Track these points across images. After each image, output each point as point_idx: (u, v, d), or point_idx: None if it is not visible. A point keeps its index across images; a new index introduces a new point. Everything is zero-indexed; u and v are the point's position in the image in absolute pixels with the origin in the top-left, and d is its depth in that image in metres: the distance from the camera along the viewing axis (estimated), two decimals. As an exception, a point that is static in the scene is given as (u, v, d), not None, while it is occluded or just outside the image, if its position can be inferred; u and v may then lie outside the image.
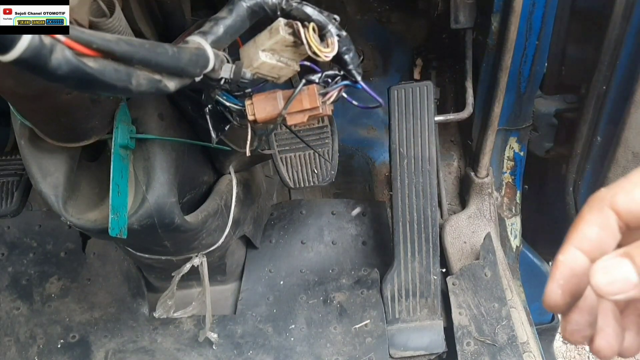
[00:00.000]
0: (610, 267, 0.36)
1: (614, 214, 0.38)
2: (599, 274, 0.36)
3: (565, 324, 0.42)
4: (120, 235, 0.86)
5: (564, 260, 0.39)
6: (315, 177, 1.38)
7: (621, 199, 0.38)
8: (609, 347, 0.42)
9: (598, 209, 0.39)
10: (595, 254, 0.39)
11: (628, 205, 0.38)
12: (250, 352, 1.36)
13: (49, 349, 1.38)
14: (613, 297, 0.36)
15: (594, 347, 0.42)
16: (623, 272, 0.36)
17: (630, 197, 0.38)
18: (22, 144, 0.86)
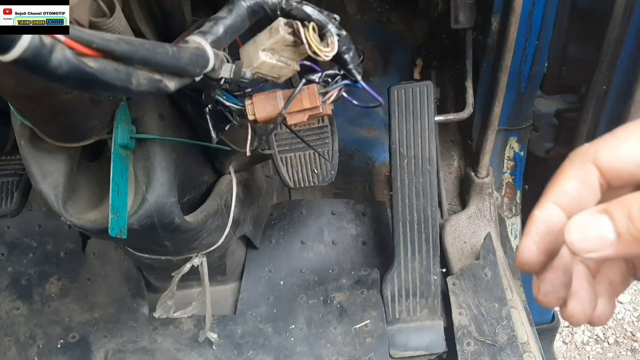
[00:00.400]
0: (586, 223, 0.34)
1: (596, 170, 0.36)
2: (574, 229, 0.34)
3: (538, 284, 0.39)
4: (120, 235, 0.86)
5: (540, 216, 0.37)
6: (315, 177, 1.38)
7: (605, 154, 0.36)
8: (583, 312, 0.40)
9: (580, 164, 0.37)
10: (573, 210, 0.37)
11: (612, 161, 0.36)
12: (250, 352, 1.36)
13: (48, 349, 1.38)
14: (587, 255, 0.34)
15: (567, 311, 0.40)
16: (600, 229, 0.34)
17: (615, 153, 0.36)
18: (22, 144, 0.85)
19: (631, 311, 2.48)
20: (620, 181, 0.36)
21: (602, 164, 0.36)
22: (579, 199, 0.37)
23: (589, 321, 0.41)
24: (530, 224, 0.38)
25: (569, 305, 0.40)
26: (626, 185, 0.37)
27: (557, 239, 0.37)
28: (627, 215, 0.33)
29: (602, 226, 0.34)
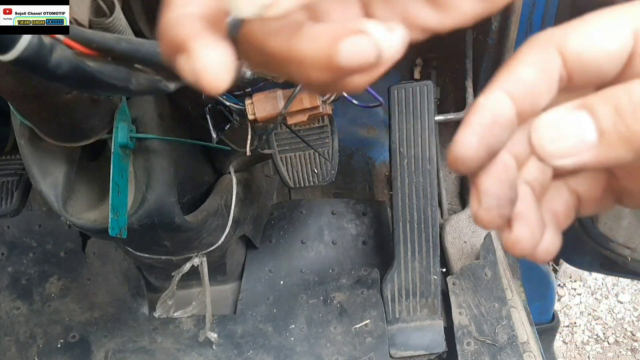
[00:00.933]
0: (561, 119, 0.27)
1: (560, 58, 0.30)
2: (544, 127, 0.27)
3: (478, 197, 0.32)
4: (120, 235, 0.86)
5: (486, 104, 0.30)
6: (315, 177, 1.38)
7: (574, 40, 0.29)
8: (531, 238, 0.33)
9: (542, 47, 0.30)
10: (525, 103, 0.30)
11: (581, 47, 0.29)
12: (250, 352, 1.36)
13: (49, 349, 1.38)
14: (559, 162, 0.27)
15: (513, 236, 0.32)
16: (577, 127, 0.27)
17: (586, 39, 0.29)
18: (22, 144, 0.85)
19: (631, 311, 2.48)
20: (584, 76, 0.30)
21: (568, 51, 0.29)
22: (533, 90, 0.30)
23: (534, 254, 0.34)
24: (473, 112, 0.30)
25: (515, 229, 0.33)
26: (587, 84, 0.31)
27: (502, 133, 0.31)
28: (613, 108, 0.26)
29: (580, 123, 0.27)
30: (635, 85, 0.26)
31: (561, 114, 0.27)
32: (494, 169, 0.32)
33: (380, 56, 0.27)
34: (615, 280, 2.56)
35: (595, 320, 2.46)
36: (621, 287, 2.54)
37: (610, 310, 2.49)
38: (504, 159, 0.32)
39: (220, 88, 0.27)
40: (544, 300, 1.77)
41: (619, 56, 0.29)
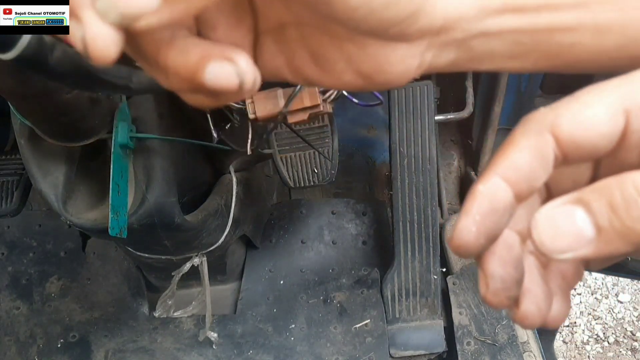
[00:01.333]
0: (557, 216, 0.28)
1: (553, 139, 0.30)
2: (542, 224, 0.28)
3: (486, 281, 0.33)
4: (120, 235, 0.86)
5: (484, 191, 0.31)
6: (315, 177, 1.38)
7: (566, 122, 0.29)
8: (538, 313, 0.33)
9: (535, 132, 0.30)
10: (522, 187, 0.31)
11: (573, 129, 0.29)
12: (251, 351, 1.36)
13: (49, 349, 1.38)
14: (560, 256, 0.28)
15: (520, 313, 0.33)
16: (575, 224, 0.27)
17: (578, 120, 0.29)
18: (22, 144, 0.85)
19: (631, 311, 2.48)
20: (579, 154, 0.30)
21: (561, 133, 0.30)
22: (529, 174, 0.31)
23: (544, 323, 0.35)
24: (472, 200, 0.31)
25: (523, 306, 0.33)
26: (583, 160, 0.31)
27: (501, 220, 0.31)
28: (608, 204, 0.27)
29: (577, 220, 0.27)
30: (627, 179, 0.27)
31: (558, 211, 0.28)
32: (497, 251, 0.32)
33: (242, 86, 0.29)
34: (615, 280, 2.55)
35: (595, 320, 2.46)
36: (621, 287, 2.54)
37: (610, 310, 2.49)
38: (507, 237, 0.33)
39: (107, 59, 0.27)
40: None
41: (611, 135, 0.29)
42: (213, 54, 0.29)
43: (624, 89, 0.29)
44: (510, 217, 0.31)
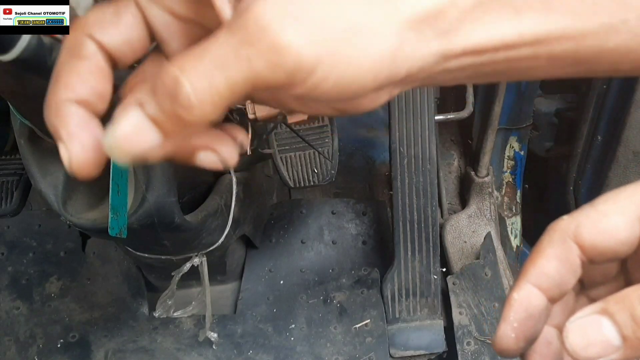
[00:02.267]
0: (586, 326, 0.31)
1: (577, 247, 0.33)
2: (573, 335, 0.31)
3: None
4: (120, 235, 0.86)
5: (519, 299, 0.34)
6: (315, 177, 1.38)
7: (587, 230, 0.32)
8: None
9: (560, 241, 0.33)
10: (554, 292, 0.34)
11: (594, 238, 0.32)
12: (250, 351, 1.36)
13: (48, 349, 1.38)
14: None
15: None
16: (602, 333, 0.30)
17: (597, 229, 0.32)
18: (21, 144, 0.85)
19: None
20: (603, 258, 0.33)
21: (583, 241, 0.33)
22: (559, 280, 0.34)
23: None
24: (508, 307, 0.34)
25: None
26: (607, 262, 0.34)
27: (537, 324, 0.35)
28: (630, 316, 0.30)
29: (604, 330, 0.30)
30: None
31: (587, 322, 0.31)
32: (538, 349, 0.36)
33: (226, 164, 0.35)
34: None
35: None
36: (621, 286, 2.54)
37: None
38: (546, 334, 0.36)
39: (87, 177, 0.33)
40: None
41: (630, 241, 0.32)
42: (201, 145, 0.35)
43: (637, 198, 0.32)
44: (546, 319, 0.35)
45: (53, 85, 0.33)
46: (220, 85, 0.28)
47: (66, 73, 0.33)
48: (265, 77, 0.29)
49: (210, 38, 0.29)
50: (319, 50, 0.29)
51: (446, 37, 0.31)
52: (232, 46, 0.28)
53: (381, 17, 0.30)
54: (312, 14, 0.28)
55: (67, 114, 0.32)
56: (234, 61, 0.28)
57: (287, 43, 0.28)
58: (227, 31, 0.29)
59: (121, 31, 0.34)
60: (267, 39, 0.28)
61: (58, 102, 0.33)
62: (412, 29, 0.30)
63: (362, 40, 0.29)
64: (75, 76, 0.33)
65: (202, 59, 0.29)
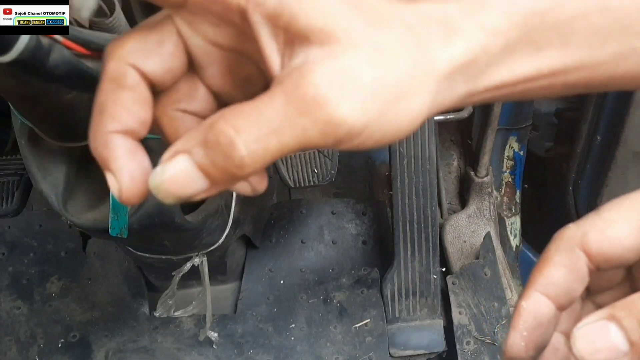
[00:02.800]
0: (593, 333, 0.31)
1: (584, 255, 0.34)
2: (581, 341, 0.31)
3: None
4: (121, 235, 0.87)
5: (527, 308, 0.35)
6: (315, 177, 1.38)
7: (593, 238, 0.34)
8: None
9: (567, 249, 0.34)
10: (562, 300, 0.35)
11: (601, 245, 0.33)
12: (251, 351, 1.37)
13: (49, 349, 1.38)
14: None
15: None
16: (610, 339, 0.30)
17: (603, 237, 0.33)
18: (22, 144, 0.86)
19: (631, 310, 2.48)
20: (609, 265, 0.34)
21: (590, 249, 0.34)
22: (567, 287, 0.35)
23: None
24: (517, 316, 0.35)
25: None
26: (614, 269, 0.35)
27: (546, 331, 0.35)
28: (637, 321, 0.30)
29: (611, 335, 0.31)
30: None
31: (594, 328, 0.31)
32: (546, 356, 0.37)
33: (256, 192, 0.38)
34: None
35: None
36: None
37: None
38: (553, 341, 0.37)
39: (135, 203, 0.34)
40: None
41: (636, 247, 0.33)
42: None
43: None
44: (555, 327, 0.35)
45: (98, 116, 0.33)
46: (273, 148, 0.29)
47: (112, 104, 0.33)
48: (316, 142, 0.30)
49: (264, 98, 0.30)
50: (369, 117, 0.30)
51: (473, 80, 0.33)
52: (287, 114, 0.29)
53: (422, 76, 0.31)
54: (363, 82, 0.29)
55: (115, 145, 0.33)
56: (289, 129, 0.29)
57: (342, 116, 0.29)
58: (282, 96, 0.29)
59: (164, 60, 0.34)
60: (323, 112, 0.29)
61: (105, 134, 0.33)
62: (446, 79, 0.32)
63: (406, 103, 0.31)
64: (121, 107, 0.33)
65: (258, 123, 0.29)
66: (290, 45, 0.31)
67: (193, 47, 0.35)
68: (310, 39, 0.30)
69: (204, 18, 0.33)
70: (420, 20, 0.31)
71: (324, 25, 0.29)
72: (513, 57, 0.33)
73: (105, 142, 0.33)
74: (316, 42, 0.30)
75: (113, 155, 0.33)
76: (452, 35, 0.31)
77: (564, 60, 0.33)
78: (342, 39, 0.30)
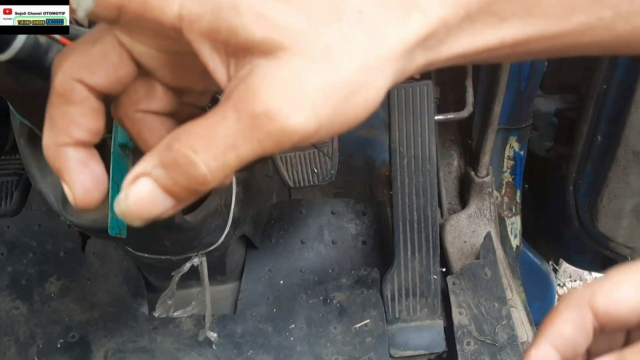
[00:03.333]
0: None
1: (591, 313, 0.36)
2: None
3: None
4: (120, 235, 0.86)
5: (537, 356, 0.37)
6: (315, 177, 1.38)
7: (601, 299, 0.36)
8: None
9: (576, 306, 0.37)
10: (568, 353, 0.37)
11: (607, 306, 0.36)
12: (250, 351, 1.36)
13: (48, 349, 1.38)
14: None
15: None
16: None
17: (611, 298, 0.36)
18: (21, 144, 0.85)
19: (631, 310, 2.47)
20: (613, 325, 0.36)
21: (598, 308, 0.36)
22: (574, 342, 0.37)
23: None
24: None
25: None
26: (617, 329, 0.38)
27: None
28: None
29: None
30: None
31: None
32: None
33: None
34: (615, 279, 2.55)
35: (596, 320, 2.46)
36: (621, 286, 2.54)
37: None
38: None
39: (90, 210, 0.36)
40: (544, 300, 1.77)
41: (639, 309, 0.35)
42: None
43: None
44: None
45: (49, 128, 0.35)
46: (232, 162, 0.30)
47: (61, 119, 0.35)
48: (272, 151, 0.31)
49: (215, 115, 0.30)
50: (322, 120, 0.30)
51: (433, 50, 0.33)
52: (240, 130, 0.29)
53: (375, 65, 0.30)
54: (311, 87, 0.29)
55: (66, 157, 0.34)
56: (244, 143, 0.30)
57: (294, 126, 0.29)
58: (233, 112, 0.29)
59: (109, 71, 0.35)
60: (275, 126, 0.29)
61: (56, 146, 0.34)
62: (403, 57, 0.31)
63: (359, 96, 0.31)
64: (69, 121, 0.35)
65: (213, 141, 0.30)
66: (234, 56, 0.30)
67: (138, 55, 0.35)
68: (253, 51, 0.29)
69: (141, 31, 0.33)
70: (373, 3, 0.30)
71: (265, 37, 0.29)
72: (474, 27, 0.33)
73: (57, 155, 0.34)
74: (259, 54, 0.29)
75: (65, 166, 0.35)
76: (410, 12, 0.31)
77: (527, 30, 0.33)
78: (286, 46, 0.29)
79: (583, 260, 1.75)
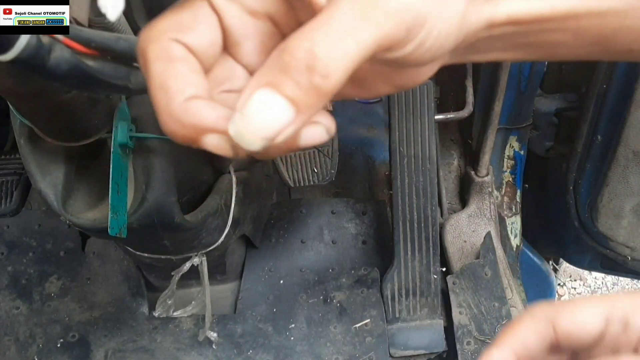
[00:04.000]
0: None
1: (552, 330, 0.39)
2: None
3: None
4: (120, 235, 0.86)
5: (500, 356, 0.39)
6: (315, 176, 1.38)
7: (563, 318, 0.39)
8: None
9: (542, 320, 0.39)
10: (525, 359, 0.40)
11: (568, 327, 0.38)
12: (250, 351, 1.36)
13: (48, 349, 1.38)
14: None
15: None
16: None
17: (572, 319, 0.38)
18: (21, 143, 0.85)
19: (631, 310, 2.47)
20: (568, 344, 0.39)
21: (559, 326, 0.39)
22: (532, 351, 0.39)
23: None
24: None
25: None
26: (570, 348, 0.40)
27: None
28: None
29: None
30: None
31: None
32: None
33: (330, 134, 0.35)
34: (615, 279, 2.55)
35: (595, 320, 2.46)
36: (621, 286, 2.54)
37: (610, 309, 2.48)
38: None
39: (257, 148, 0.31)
40: (544, 300, 1.77)
41: (594, 334, 0.38)
42: None
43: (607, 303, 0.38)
44: None
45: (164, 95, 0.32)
46: (353, 49, 0.29)
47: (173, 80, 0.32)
48: (390, 35, 0.31)
49: (328, 9, 0.30)
50: (429, 7, 0.32)
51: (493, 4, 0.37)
52: (358, 12, 0.29)
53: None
54: None
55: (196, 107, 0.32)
56: (364, 24, 0.30)
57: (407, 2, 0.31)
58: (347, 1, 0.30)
59: (202, 33, 0.34)
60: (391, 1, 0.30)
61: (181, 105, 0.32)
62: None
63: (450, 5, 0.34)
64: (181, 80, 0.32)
65: (331, 28, 0.29)
66: None
67: (229, 19, 0.35)
68: None
69: None
70: None
71: None
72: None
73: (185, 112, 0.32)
74: None
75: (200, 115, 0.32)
76: None
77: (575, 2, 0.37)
78: None
79: (583, 260, 1.75)
